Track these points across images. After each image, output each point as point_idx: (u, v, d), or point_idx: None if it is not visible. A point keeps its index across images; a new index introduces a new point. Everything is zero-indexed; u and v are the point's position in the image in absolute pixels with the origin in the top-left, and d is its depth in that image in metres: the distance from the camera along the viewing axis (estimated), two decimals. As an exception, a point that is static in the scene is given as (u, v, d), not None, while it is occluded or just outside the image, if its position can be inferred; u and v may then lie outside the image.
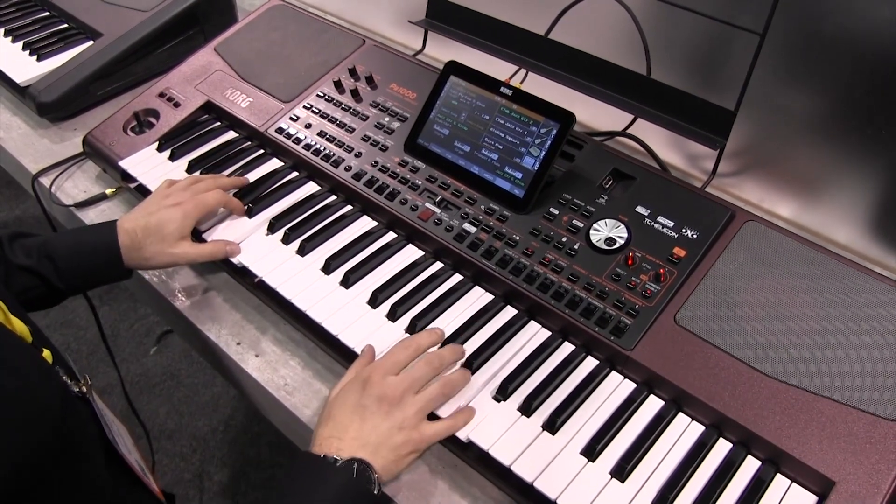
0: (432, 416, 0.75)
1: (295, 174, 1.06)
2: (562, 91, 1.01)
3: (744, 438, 0.72)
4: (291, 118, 1.10)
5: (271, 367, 0.88)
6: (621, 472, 0.70)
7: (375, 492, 0.68)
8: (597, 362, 0.81)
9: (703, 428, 0.74)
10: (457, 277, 0.91)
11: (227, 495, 1.89)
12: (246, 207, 1.00)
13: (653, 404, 0.77)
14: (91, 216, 1.09)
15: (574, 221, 0.89)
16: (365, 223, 0.98)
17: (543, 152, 0.91)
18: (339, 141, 1.05)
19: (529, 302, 0.85)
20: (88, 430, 0.69)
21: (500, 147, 0.94)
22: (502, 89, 0.95)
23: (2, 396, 0.55)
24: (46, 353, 0.67)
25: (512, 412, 0.76)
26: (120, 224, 0.90)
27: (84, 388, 0.71)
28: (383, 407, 0.72)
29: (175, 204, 0.92)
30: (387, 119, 1.06)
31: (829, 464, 0.68)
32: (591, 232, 0.87)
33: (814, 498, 0.69)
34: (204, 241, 0.96)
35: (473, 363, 0.80)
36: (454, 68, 0.99)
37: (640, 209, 0.88)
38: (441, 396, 0.75)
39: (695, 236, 0.84)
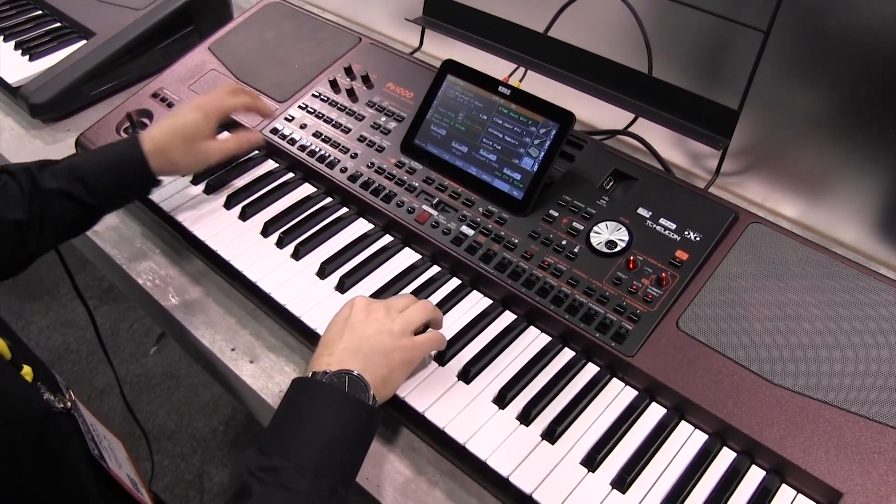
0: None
1: (290, 175, 1.05)
2: (561, 90, 1.00)
3: (748, 447, 0.71)
4: (286, 118, 1.08)
5: (266, 374, 0.86)
6: (622, 482, 0.69)
7: (370, 402, 0.68)
8: (597, 369, 0.79)
9: (706, 437, 0.73)
10: (454, 282, 0.89)
11: (227, 496, 1.88)
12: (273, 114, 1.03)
13: (655, 412, 0.75)
14: (84, 219, 1.08)
15: (574, 224, 0.87)
16: (361, 226, 0.97)
17: (543, 153, 0.89)
18: (334, 142, 1.03)
19: (528, 307, 0.83)
20: (72, 446, 0.68)
21: (499, 147, 0.92)
22: (500, 88, 0.93)
23: None
24: (27, 370, 0.65)
25: (510, 420, 0.74)
26: (144, 133, 0.91)
27: (68, 404, 0.69)
28: (370, 317, 0.74)
29: (196, 106, 0.95)
30: (383, 119, 1.04)
31: (835, 474, 0.66)
32: (592, 234, 0.85)
33: (820, 509, 0.67)
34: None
35: (471, 370, 0.78)
36: (451, 67, 0.97)
37: (641, 211, 0.86)
38: (424, 312, 0.77)
39: (698, 239, 0.83)
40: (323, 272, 0.89)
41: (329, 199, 1.01)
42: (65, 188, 0.84)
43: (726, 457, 0.71)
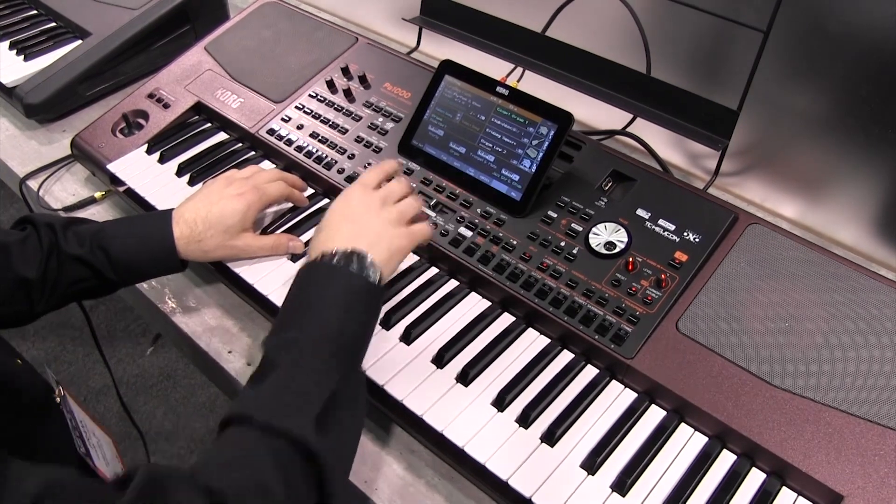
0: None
1: (288, 174, 1.04)
2: (560, 90, 0.99)
3: (748, 450, 0.70)
4: (283, 119, 1.08)
5: (263, 376, 0.86)
6: (622, 485, 0.68)
7: (376, 281, 0.71)
8: (596, 371, 0.78)
9: (706, 439, 0.72)
10: (452, 283, 0.88)
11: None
12: (309, 202, 0.99)
13: (654, 415, 0.75)
14: (79, 220, 1.07)
15: (573, 225, 0.86)
16: (358, 227, 0.96)
17: (541, 154, 0.88)
18: (331, 142, 1.03)
19: (527, 309, 0.83)
20: (62, 437, 0.68)
21: (497, 148, 0.91)
22: (498, 89, 0.92)
23: None
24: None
25: (509, 423, 0.74)
26: (179, 213, 0.87)
27: (57, 400, 0.69)
28: (371, 209, 0.77)
29: (238, 195, 0.88)
30: (380, 119, 1.03)
31: (836, 477, 0.66)
32: (591, 236, 0.85)
33: (821, 512, 0.67)
34: None
35: (470, 373, 0.77)
36: (449, 67, 0.96)
37: (640, 212, 0.86)
38: (416, 206, 0.81)
39: (697, 240, 0.82)
40: (320, 274, 0.89)
41: (326, 201, 1.00)
42: (85, 256, 0.81)
43: (726, 459, 0.71)
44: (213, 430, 1.99)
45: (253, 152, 1.09)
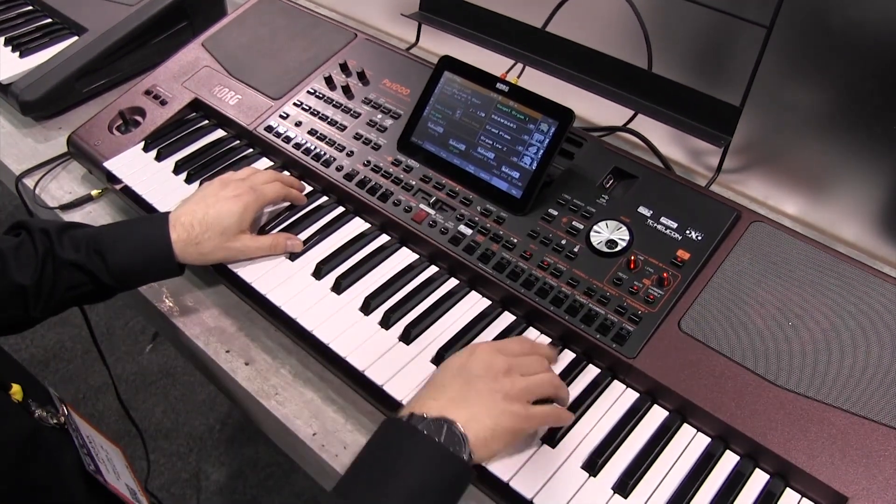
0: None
1: (285, 174, 1.03)
2: (560, 86, 0.98)
3: (751, 451, 0.70)
4: (281, 116, 1.07)
5: (262, 376, 0.85)
6: (624, 487, 0.68)
7: (466, 457, 0.61)
8: (598, 371, 0.78)
9: (708, 440, 0.72)
10: (452, 282, 0.88)
11: (224, 495, 1.87)
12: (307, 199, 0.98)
13: (657, 415, 0.74)
14: (76, 219, 1.06)
15: (574, 223, 0.86)
16: (357, 225, 0.95)
17: (542, 151, 0.87)
18: (330, 139, 1.02)
19: (528, 307, 0.82)
20: (63, 462, 0.66)
21: (497, 145, 0.90)
22: (498, 85, 0.91)
23: None
24: (16, 389, 0.64)
25: (510, 424, 0.73)
26: (175, 216, 0.86)
27: (62, 419, 0.67)
28: (490, 373, 0.66)
29: (234, 196, 0.88)
30: (379, 116, 1.03)
31: (841, 478, 0.65)
32: (592, 234, 0.84)
33: (825, 514, 0.66)
34: None
35: (470, 373, 0.77)
36: (448, 63, 0.95)
37: (642, 210, 0.85)
38: (550, 386, 0.69)
39: (699, 238, 0.81)
40: (319, 273, 0.88)
41: (325, 198, 0.99)
42: (81, 261, 0.80)
43: (730, 460, 0.70)
44: (212, 428, 1.99)
45: (251, 149, 1.08)
